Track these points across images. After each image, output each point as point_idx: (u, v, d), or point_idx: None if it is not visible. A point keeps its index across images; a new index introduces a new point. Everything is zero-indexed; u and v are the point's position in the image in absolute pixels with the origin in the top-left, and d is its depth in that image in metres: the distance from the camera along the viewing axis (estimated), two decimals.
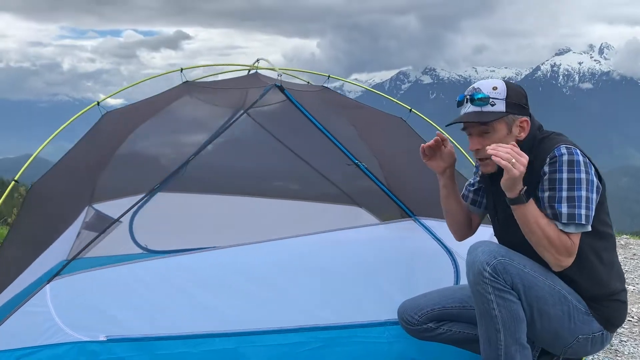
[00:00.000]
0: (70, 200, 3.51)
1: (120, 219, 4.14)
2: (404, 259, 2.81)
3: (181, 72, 3.42)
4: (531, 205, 2.11)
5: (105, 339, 2.53)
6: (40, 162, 3.46)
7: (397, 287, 2.74)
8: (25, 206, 3.28)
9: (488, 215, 2.53)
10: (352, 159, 2.82)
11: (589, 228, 2.11)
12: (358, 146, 2.99)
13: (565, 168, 2.09)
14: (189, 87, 3.43)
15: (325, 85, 3.54)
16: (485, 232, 2.60)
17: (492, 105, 2.17)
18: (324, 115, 2.95)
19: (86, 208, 3.50)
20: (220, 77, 3.90)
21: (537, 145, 2.23)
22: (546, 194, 2.12)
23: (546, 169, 2.12)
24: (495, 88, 2.18)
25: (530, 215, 2.09)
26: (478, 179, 2.56)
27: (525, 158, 2.04)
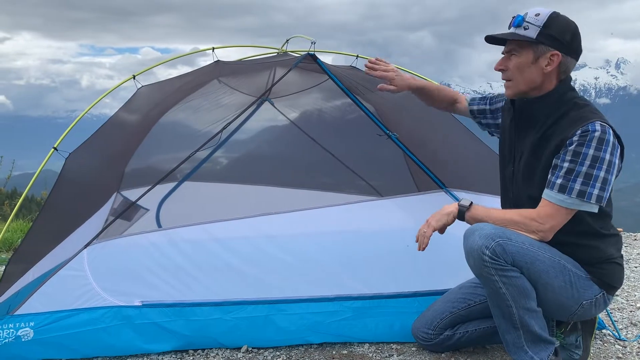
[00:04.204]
0: (99, 186, 3.58)
1: (147, 207, 4.21)
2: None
3: (213, 51, 3.49)
4: (475, 207, 2.27)
5: (140, 304, 2.57)
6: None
7: (428, 257, 2.73)
8: (58, 183, 3.34)
9: (499, 166, 2.53)
10: (383, 129, 2.85)
11: (594, 208, 2.14)
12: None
13: (593, 144, 2.09)
14: (220, 67, 3.49)
15: (354, 65, 3.59)
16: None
17: (525, 29, 2.20)
18: (354, 89, 2.98)
19: (114, 194, 3.57)
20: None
21: (571, 105, 2.24)
22: (566, 164, 2.13)
23: (574, 139, 2.12)
24: (537, 15, 2.21)
25: (480, 216, 2.25)
26: (495, 105, 2.65)
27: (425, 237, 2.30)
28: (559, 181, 2.13)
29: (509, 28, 2.26)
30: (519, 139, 2.36)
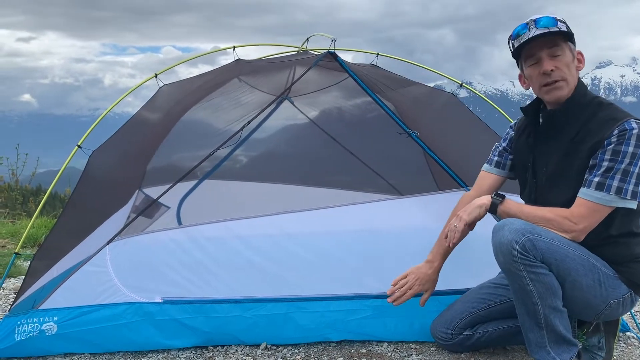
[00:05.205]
0: (121, 183, 3.64)
1: (168, 205, 4.25)
2: None
3: (233, 49, 3.52)
4: (508, 201, 2.25)
5: (161, 301, 2.60)
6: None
7: (449, 256, 2.72)
8: (81, 180, 3.40)
9: (518, 179, 2.53)
10: (404, 127, 2.84)
11: (632, 204, 2.13)
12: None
13: (632, 142, 2.10)
14: (240, 66, 3.51)
15: (374, 63, 3.58)
16: None
17: (559, 29, 2.19)
18: (375, 87, 2.98)
19: (136, 192, 3.62)
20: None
21: (596, 106, 2.24)
22: (605, 163, 2.12)
23: (613, 140, 2.12)
24: (555, 16, 2.21)
25: (512, 211, 2.22)
26: (504, 144, 2.57)
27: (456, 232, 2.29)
28: (596, 179, 2.13)
29: (533, 29, 2.19)
30: (540, 151, 2.35)
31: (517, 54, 2.30)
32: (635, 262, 2.24)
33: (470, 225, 2.32)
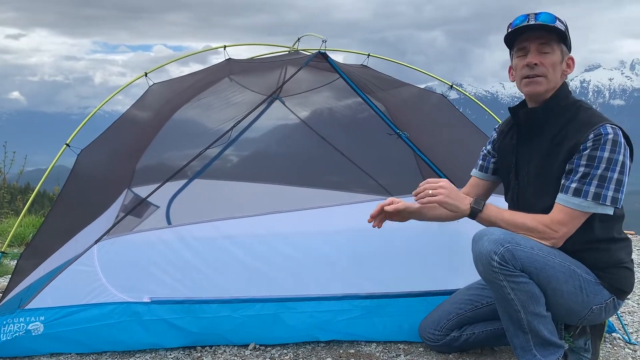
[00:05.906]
0: (110, 182, 3.61)
1: (158, 204, 4.22)
2: (446, 229, 2.79)
3: (224, 49, 3.51)
4: (488, 208, 2.21)
5: (149, 300, 2.59)
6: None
7: (438, 257, 2.74)
8: (70, 179, 3.37)
9: (502, 182, 2.53)
10: (394, 128, 2.84)
11: (610, 210, 2.13)
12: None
13: (608, 147, 2.09)
14: (231, 66, 3.50)
15: (365, 64, 3.58)
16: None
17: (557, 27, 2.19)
18: (365, 87, 2.99)
19: (125, 191, 3.59)
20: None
21: (576, 109, 2.25)
22: (581, 168, 2.12)
23: (588, 144, 2.11)
24: (557, 16, 2.20)
25: (493, 217, 2.20)
26: (488, 147, 2.59)
27: (439, 184, 2.25)
28: (573, 185, 2.12)
29: (532, 22, 2.18)
30: (522, 152, 2.35)
31: (510, 43, 2.30)
32: (617, 268, 2.25)
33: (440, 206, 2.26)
